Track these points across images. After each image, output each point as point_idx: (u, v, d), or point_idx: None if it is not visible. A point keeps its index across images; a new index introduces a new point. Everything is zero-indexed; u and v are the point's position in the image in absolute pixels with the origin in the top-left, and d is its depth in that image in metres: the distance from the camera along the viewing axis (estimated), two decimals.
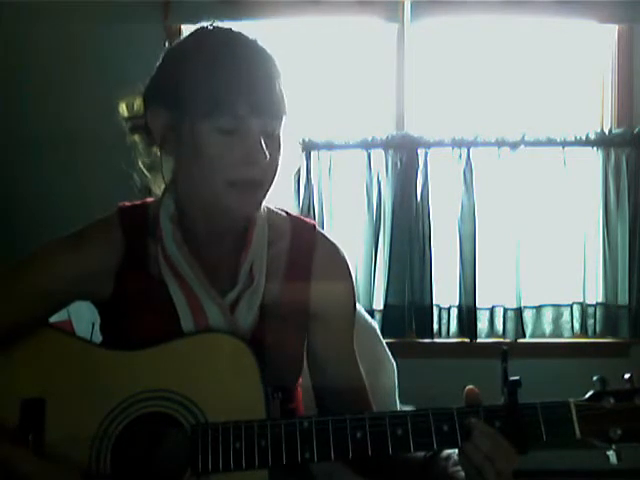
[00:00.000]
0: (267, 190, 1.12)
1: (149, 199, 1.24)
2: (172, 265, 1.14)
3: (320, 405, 1.25)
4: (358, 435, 1.03)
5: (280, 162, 1.11)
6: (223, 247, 1.18)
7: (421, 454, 1.11)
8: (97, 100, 2.84)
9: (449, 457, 1.08)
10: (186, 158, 1.10)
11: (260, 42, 1.10)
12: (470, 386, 1.06)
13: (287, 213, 1.26)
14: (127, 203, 1.23)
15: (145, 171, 1.20)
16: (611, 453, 1.02)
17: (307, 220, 1.27)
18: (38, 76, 2.89)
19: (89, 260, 1.16)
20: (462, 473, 1.05)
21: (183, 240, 1.15)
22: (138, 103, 1.17)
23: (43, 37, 2.87)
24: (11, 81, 2.87)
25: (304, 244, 1.22)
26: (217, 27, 1.13)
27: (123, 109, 1.18)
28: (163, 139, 1.12)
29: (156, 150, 1.17)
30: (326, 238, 1.25)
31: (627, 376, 1.05)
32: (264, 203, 1.17)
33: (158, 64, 1.15)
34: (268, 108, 1.07)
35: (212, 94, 1.05)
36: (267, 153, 1.06)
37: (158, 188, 1.22)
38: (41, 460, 1.06)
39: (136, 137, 1.19)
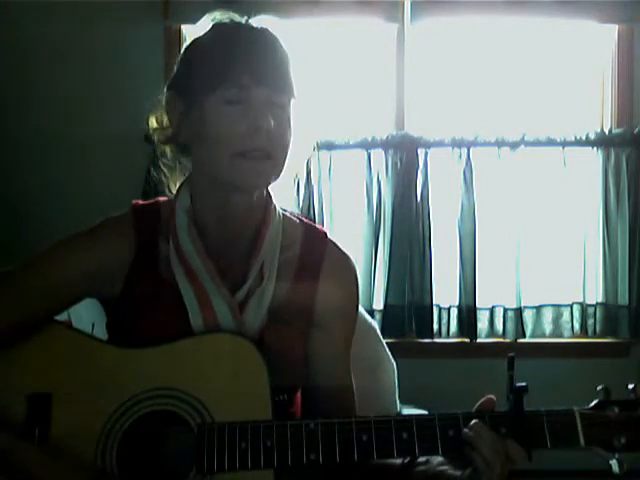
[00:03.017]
0: (278, 165, 1.13)
1: (162, 198, 1.25)
2: (184, 260, 1.15)
3: (306, 407, 1.25)
4: (364, 438, 1.03)
5: (290, 141, 1.13)
6: (235, 246, 1.19)
7: (399, 461, 1.10)
8: (98, 99, 2.87)
9: (428, 461, 1.08)
10: (198, 142, 1.13)
11: (271, 30, 1.15)
12: (490, 395, 1.06)
13: (300, 219, 1.27)
14: (140, 201, 1.24)
15: (167, 172, 1.24)
16: (614, 462, 1.02)
17: (319, 228, 1.28)
18: (38, 76, 2.89)
19: (101, 257, 1.17)
20: (451, 472, 1.04)
21: (197, 234, 1.16)
22: (166, 117, 1.20)
23: (43, 37, 2.87)
24: (11, 81, 2.87)
25: (314, 252, 1.23)
26: (231, 20, 1.16)
27: (153, 122, 1.21)
28: (179, 129, 1.15)
29: (182, 156, 1.21)
30: (337, 247, 1.26)
31: (631, 386, 1.06)
32: (277, 203, 1.20)
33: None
34: (272, 80, 1.10)
35: (217, 67, 1.09)
36: (271, 121, 1.09)
37: (174, 186, 1.24)
38: (45, 454, 1.06)
39: (167, 148, 1.22)
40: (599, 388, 1.05)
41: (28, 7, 2.84)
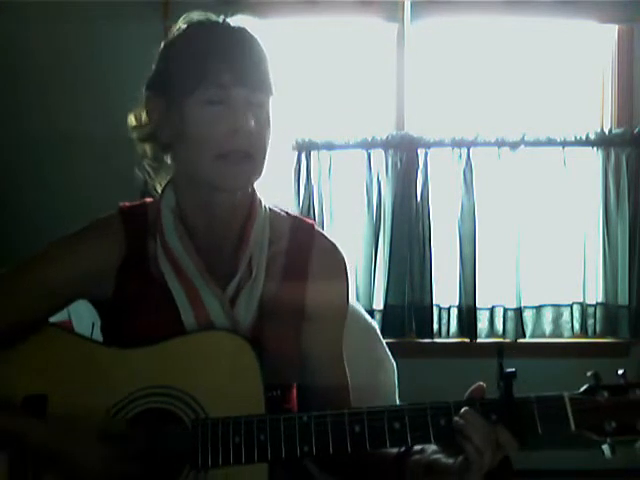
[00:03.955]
0: (258, 165, 1.14)
1: (148, 199, 1.26)
2: (172, 258, 1.16)
3: (301, 403, 1.25)
4: (357, 429, 1.03)
5: (270, 139, 1.14)
6: (223, 243, 1.19)
7: (394, 450, 1.10)
8: (97, 100, 2.87)
9: (423, 450, 1.08)
10: (179, 143, 1.14)
11: (249, 30, 1.14)
12: (480, 382, 1.07)
13: (287, 213, 1.28)
14: (127, 203, 1.25)
15: (151, 172, 1.24)
16: (605, 447, 1.02)
17: (306, 220, 1.28)
18: (38, 76, 2.89)
19: (91, 260, 1.17)
20: (444, 460, 1.04)
21: (184, 232, 1.17)
22: (146, 116, 1.20)
23: (42, 37, 2.86)
24: (10, 81, 2.87)
25: (302, 244, 1.23)
26: (208, 19, 1.17)
27: (132, 120, 1.21)
28: (159, 128, 1.15)
29: (163, 155, 1.20)
30: (324, 238, 1.27)
31: (621, 372, 1.07)
32: (263, 197, 1.20)
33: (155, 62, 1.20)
34: (252, 79, 1.11)
35: (197, 68, 1.09)
36: (252, 121, 1.09)
37: (159, 186, 1.25)
38: (49, 425, 1.06)
39: (146, 146, 1.21)
40: (589, 374, 1.06)
41: (27, 7, 2.84)
